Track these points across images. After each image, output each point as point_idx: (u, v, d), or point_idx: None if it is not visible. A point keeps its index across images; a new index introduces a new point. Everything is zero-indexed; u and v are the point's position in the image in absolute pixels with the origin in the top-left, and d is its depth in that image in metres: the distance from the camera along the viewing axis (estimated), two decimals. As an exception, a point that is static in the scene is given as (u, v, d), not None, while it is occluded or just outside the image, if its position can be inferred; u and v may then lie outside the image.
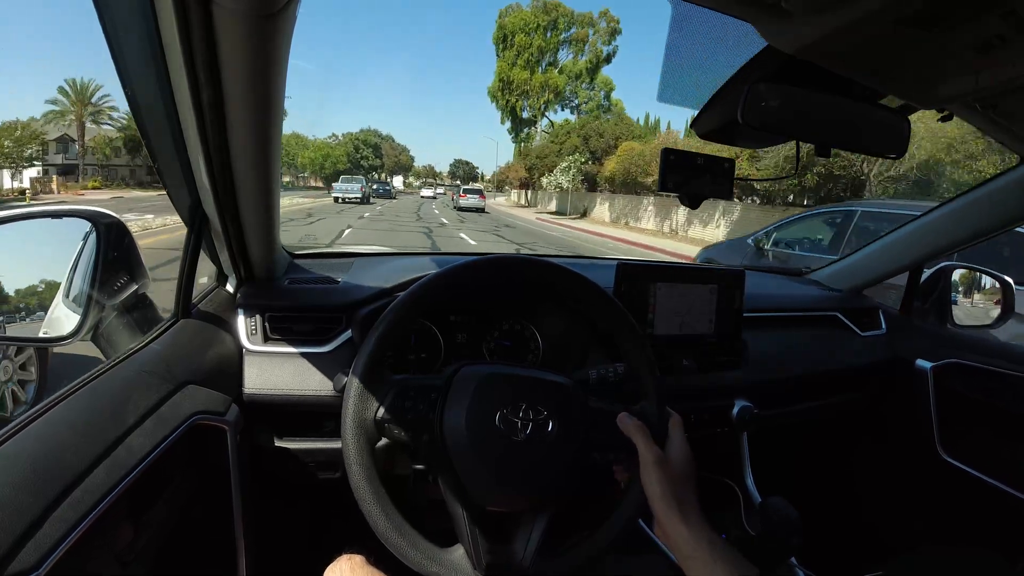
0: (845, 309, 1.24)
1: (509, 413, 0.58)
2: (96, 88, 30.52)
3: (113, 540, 0.56)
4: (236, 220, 0.73)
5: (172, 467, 0.63)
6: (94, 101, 30.97)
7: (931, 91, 0.64)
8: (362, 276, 0.96)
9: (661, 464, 0.58)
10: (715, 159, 0.78)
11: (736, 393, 1.00)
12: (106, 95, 31.15)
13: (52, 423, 0.50)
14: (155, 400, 0.60)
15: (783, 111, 0.66)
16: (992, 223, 1.03)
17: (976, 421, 1.12)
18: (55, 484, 0.44)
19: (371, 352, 0.59)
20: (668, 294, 0.93)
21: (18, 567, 0.38)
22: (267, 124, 0.56)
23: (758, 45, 0.63)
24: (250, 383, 0.80)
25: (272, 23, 0.44)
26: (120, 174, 32.52)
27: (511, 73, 38.44)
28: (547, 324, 0.93)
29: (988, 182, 1.01)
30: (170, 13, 0.43)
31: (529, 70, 37.86)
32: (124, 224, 0.81)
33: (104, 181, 30.73)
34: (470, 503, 0.58)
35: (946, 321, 1.26)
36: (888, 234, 1.24)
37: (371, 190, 32.81)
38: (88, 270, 0.78)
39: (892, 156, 0.73)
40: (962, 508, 1.12)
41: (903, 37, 0.52)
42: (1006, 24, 0.49)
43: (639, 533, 0.89)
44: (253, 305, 0.85)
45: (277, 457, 0.83)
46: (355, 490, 0.56)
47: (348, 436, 0.57)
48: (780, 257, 4.33)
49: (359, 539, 0.65)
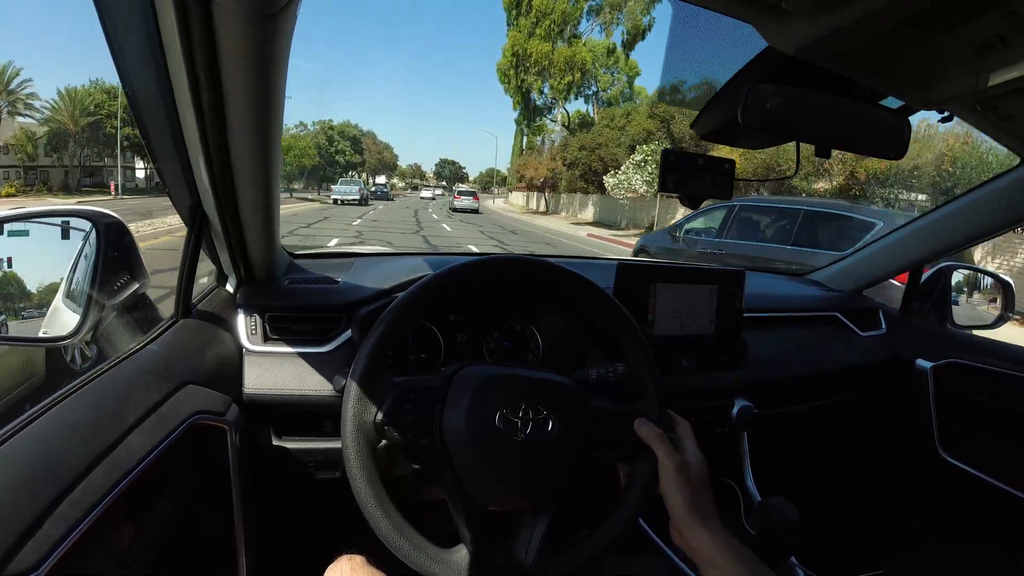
0: (845, 309, 1.24)
1: (509, 413, 0.58)
2: (15, 72, 24.98)
3: (113, 540, 0.56)
4: (236, 220, 0.73)
5: (172, 467, 0.63)
6: (12, 88, 24.98)
7: (931, 91, 0.64)
8: (362, 276, 0.96)
9: (683, 470, 0.58)
10: (715, 160, 0.78)
11: (736, 393, 1.00)
12: (27, 80, 25.51)
13: (52, 423, 0.50)
14: (155, 400, 0.60)
15: (783, 111, 0.66)
16: (992, 223, 1.03)
17: (976, 421, 1.12)
18: (55, 484, 0.44)
19: (371, 353, 0.59)
20: (668, 294, 0.93)
21: (18, 567, 0.38)
22: (267, 124, 0.56)
23: (758, 45, 0.63)
24: (250, 383, 0.80)
25: (272, 23, 0.44)
26: (48, 177, 26.64)
27: (527, 45, 29.20)
28: (547, 324, 0.93)
29: (988, 183, 1.01)
30: (170, 13, 0.43)
31: (551, 42, 29.04)
32: (124, 224, 0.81)
33: (24, 185, 25.21)
34: (471, 503, 0.58)
35: (946, 321, 1.27)
36: (888, 235, 1.24)
37: (369, 192, 34.61)
38: (88, 270, 0.78)
39: (892, 157, 0.73)
40: (962, 507, 1.12)
41: (903, 37, 0.52)
42: (1006, 24, 0.49)
43: (639, 533, 0.89)
44: (253, 305, 0.85)
45: (277, 457, 0.83)
46: (355, 491, 0.56)
47: (348, 438, 0.57)
48: (687, 241, 5.55)
49: (359, 539, 0.65)
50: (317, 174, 48.02)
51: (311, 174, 46.46)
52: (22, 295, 0.80)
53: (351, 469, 0.56)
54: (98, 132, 27.28)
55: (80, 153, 27.83)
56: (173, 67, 0.50)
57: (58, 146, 26.61)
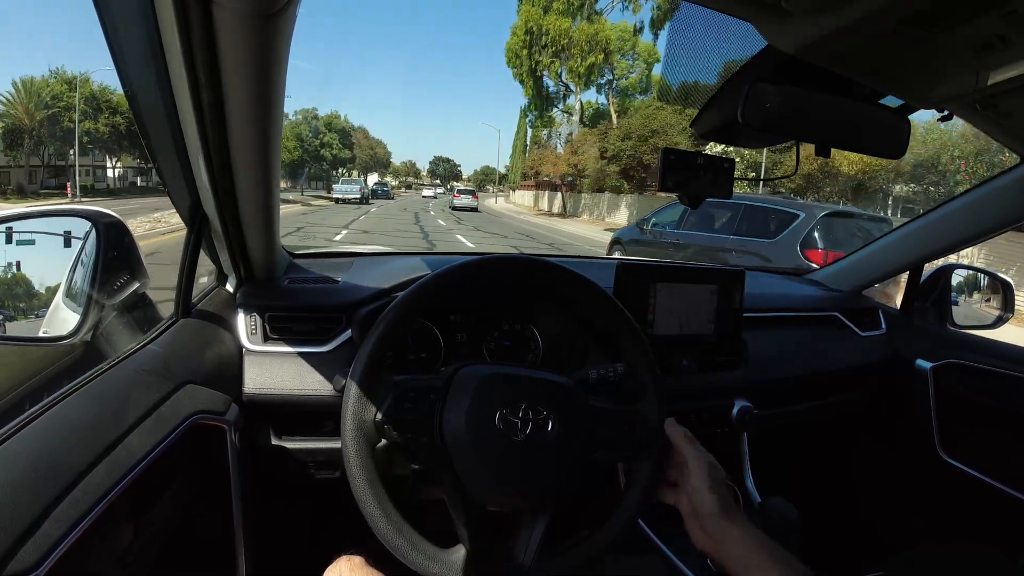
0: (845, 309, 1.24)
1: (509, 413, 0.58)
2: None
3: (113, 540, 0.56)
4: (236, 220, 0.73)
5: (172, 467, 0.63)
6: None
7: (931, 91, 0.64)
8: (362, 276, 0.96)
9: (713, 468, 0.59)
10: (715, 159, 0.78)
11: (736, 393, 1.00)
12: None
13: (52, 423, 0.50)
14: (155, 399, 0.60)
15: (783, 111, 0.66)
16: (992, 223, 1.03)
17: (975, 421, 1.12)
18: (55, 483, 0.44)
19: (371, 352, 0.59)
20: (668, 294, 0.93)
21: (18, 566, 0.38)
22: (267, 124, 0.56)
23: (758, 45, 0.63)
24: (250, 383, 0.80)
25: (272, 23, 0.44)
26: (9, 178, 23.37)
27: (543, 21, 24.89)
28: (547, 324, 0.93)
29: (988, 182, 1.01)
30: (170, 13, 0.43)
31: (570, 17, 24.69)
32: (124, 224, 0.81)
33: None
34: (470, 503, 0.58)
35: (946, 321, 1.27)
36: (888, 234, 1.24)
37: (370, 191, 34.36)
38: (88, 270, 0.78)
39: (891, 156, 0.73)
40: (961, 508, 1.12)
41: (903, 37, 0.52)
42: (1006, 24, 0.49)
43: (639, 533, 0.89)
44: (253, 305, 0.85)
45: (277, 457, 0.83)
46: (355, 491, 0.56)
47: (348, 437, 0.56)
48: (652, 233, 6.22)
49: (359, 539, 0.65)
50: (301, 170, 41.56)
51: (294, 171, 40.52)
52: (27, 296, 0.81)
53: (351, 468, 0.56)
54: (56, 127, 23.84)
55: (43, 151, 24.89)
56: (173, 67, 0.50)
57: (13, 143, 23.06)
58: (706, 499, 0.57)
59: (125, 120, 24.40)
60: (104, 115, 24.77)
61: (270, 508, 0.90)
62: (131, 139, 25.22)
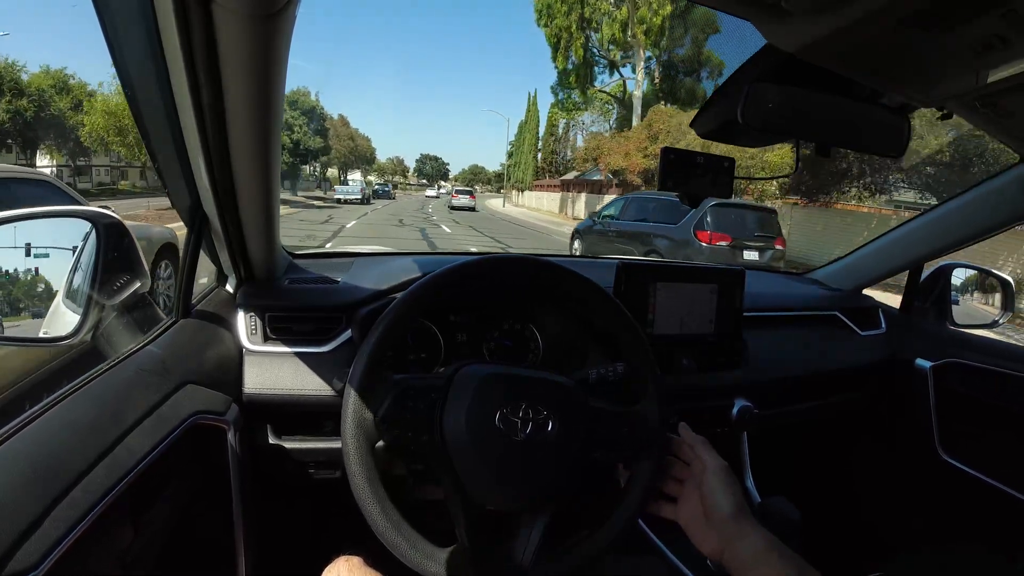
0: (845, 308, 1.24)
1: (509, 413, 0.58)
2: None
3: (113, 540, 0.56)
4: (236, 220, 0.73)
5: (172, 467, 0.63)
6: None
7: (931, 90, 0.64)
8: (362, 276, 0.96)
9: (728, 472, 0.60)
10: (715, 158, 0.78)
11: (736, 393, 1.00)
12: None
13: (52, 423, 0.50)
14: (155, 400, 0.60)
15: (783, 110, 0.66)
16: (992, 222, 1.03)
17: (975, 421, 1.12)
18: (55, 483, 0.44)
19: (371, 352, 0.59)
20: (668, 294, 0.93)
21: (18, 566, 0.38)
22: (267, 124, 0.56)
23: (758, 44, 0.63)
24: (250, 383, 0.80)
25: (272, 23, 0.44)
26: None
27: None
28: (547, 324, 0.93)
29: (988, 181, 1.01)
30: (170, 13, 0.43)
31: None
32: (124, 224, 0.81)
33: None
34: (470, 503, 0.58)
35: (946, 320, 1.26)
36: (888, 233, 1.23)
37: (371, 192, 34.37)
38: (88, 270, 0.78)
39: (891, 155, 0.73)
40: (961, 508, 1.12)
41: (903, 37, 0.52)
42: (1006, 24, 0.49)
43: (639, 533, 0.89)
44: (253, 305, 0.85)
45: (277, 457, 0.83)
46: (355, 490, 0.56)
47: (348, 437, 0.56)
48: (601, 223, 7.94)
49: (359, 539, 0.65)
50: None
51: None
52: (28, 296, 0.81)
53: (350, 467, 0.56)
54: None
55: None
56: (173, 67, 0.50)
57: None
58: (723, 502, 0.58)
59: (33, 104, 18.82)
60: (5, 98, 18.58)
61: (270, 508, 0.90)
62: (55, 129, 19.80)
